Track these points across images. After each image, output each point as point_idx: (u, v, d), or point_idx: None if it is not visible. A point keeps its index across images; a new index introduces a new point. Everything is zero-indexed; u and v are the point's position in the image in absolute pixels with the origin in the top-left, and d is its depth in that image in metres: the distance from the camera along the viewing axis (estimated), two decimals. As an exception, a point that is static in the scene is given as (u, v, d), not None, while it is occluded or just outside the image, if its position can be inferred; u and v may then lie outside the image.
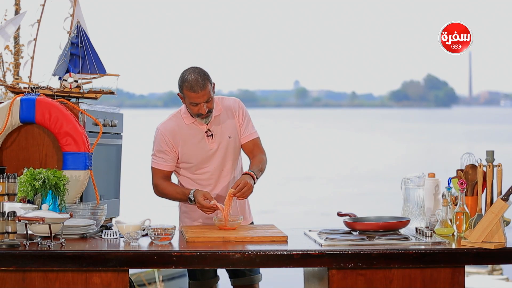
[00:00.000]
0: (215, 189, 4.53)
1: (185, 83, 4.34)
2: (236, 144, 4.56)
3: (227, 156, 4.53)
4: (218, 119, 4.52)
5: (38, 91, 4.62)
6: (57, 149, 4.47)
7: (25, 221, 3.70)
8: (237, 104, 4.60)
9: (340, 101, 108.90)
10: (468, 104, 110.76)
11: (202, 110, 4.38)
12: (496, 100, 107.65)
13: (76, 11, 4.85)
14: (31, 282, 3.66)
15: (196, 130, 4.49)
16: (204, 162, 4.50)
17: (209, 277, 4.54)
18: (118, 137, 5.03)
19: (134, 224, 3.90)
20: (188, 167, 4.53)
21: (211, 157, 4.50)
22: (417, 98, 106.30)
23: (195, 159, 4.49)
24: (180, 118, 4.52)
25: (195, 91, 4.32)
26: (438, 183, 4.28)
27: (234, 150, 4.55)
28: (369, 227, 4.03)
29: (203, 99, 4.34)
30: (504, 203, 3.75)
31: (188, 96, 4.35)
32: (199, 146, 4.49)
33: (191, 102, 4.36)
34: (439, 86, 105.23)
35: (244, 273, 4.57)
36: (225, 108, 4.55)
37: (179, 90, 4.40)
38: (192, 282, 4.56)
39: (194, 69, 4.37)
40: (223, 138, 4.51)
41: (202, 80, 4.33)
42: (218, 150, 4.50)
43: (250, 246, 3.79)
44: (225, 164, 4.53)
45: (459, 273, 3.75)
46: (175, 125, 4.51)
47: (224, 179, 4.54)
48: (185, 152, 4.49)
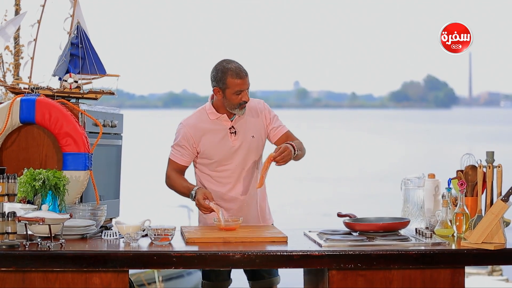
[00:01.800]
0: (234, 188, 4.53)
1: (229, 72, 4.38)
2: (258, 144, 4.56)
3: (249, 155, 4.53)
4: (243, 118, 4.53)
5: (38, 91, 4.61)
6: (57, 150, 4.46)
7: (25, 222, 3.70)
8: (261, 105, 4.63)
9: (340, 102, 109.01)
10: (468, 104, 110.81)
11: (245, 98, 4.40)
12: (496, 101, 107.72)
13: (76, 11, 4.85)
14: (31, 283, 3.66)
15: (220, 126, 4.50)
16: (226, 160, 4.50)
17: (222, 279, 4.51)
18: (118, 137, 5.02)
19: (134, 224, 3.89)
20: (208, 164, 4.53)
21: (233, 154, 4.50)
22: (417, 98, 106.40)
23: (217, 155, 4.50)
24: (205, 114, 4.53)
25: (241, 77, 4.37)
26: (438, 184, 4.28)
27: (256, 150, 4.55)
28: (369, 228, 4.03)
29: (247, 85, 4.40)
30: (504, 204, 3.74)
31: (233, 83, 4.37)
32: (221, 142, 4.49)
33: (236, 90, 4.38)
34: (439, 86, 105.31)
35: (262, 275, 4.55)
36: (249, 108, 4.56)
37: (218, 83, 4.41)
38: (206, 282, 4.54)
39: (230, 60, 4.44)
40: (246, 136, 4.52)
41: (243, 67, 4.42)
42: (240, 148, 4.51)
43: (250, 247, 3.78)
44: (247, 163, 4.53)
45: (459, 274, 3.75)
46: (199, 120, 4.52)
47: (244, 179, 4.53)
48: (207, 148, 4.49)
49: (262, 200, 4.63)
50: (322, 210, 19.38)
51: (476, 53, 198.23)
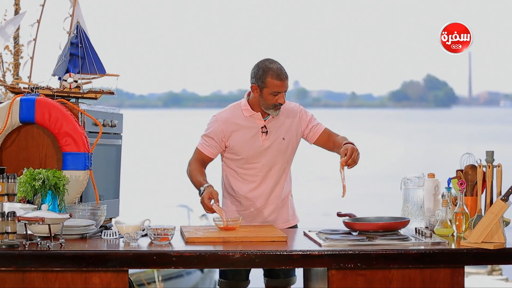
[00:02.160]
0: (259, 187, 4.53)
1: (270, 72, 4.38)
2: (288, 147, 4.55)
3: (277, 156, 4.52)
4: (277, 119, 4.52)
5: (37, 91, 4.61)
6: (57, 149, 4.46)
7: (24, 221, 3.70)
8: (298, 108, 4.62)
9: (340, 101, 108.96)
10: (467, 104, 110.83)
11: (281, 100, 4.40)
12: (495, 101, 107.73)
13: (76, 11, 4.85)
14: (30, 282, 3.66)
15: (252, 124, 4.51)
16: (253, 158, 4.51)
17: (239, 279, 4.52)
18: (117, 137, 5.03)
19: (134, 224, 3.90)
20: (236, 160, 4.53)
21: (261, 154, 4.50)
22: (416, 98, 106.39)
23: (245, 153, 4.50)
24: (239, 110, 4.54)
25: (281, 79, 4.38)
26: (437, 184, 4.28)
27: (285, 153, 4.54)
28: (368, 228, 4.03)
29: (285, 88, 4.41)
30: (503, 204, 3.74)
31: (272, 84, 4.38)
32: (251, 140, 4.49)
33: (274, 91, 4.38)
34: (439, 86, 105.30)
35: (278, 274, 4.55)
36: (286, 111, 4.56)
37: (258, 80, 4.41)
38: (223, 281, 4.55)
39: (273, 60, 4.45)
40: (277, 137, 4.51)
41: (285, 69, 4.42)
42: (269, 148, 4.50)
43: (249, 247, 3.78)
44: (274, 164, 4.52)
45: (458, 274, 3.75)
46: (233, 116, 4.53)
47: (270, 179, 4.53)
48: (236, 144, 4.50)
49: (284, 201, 4.61)
50: (322, 210, 19.36)
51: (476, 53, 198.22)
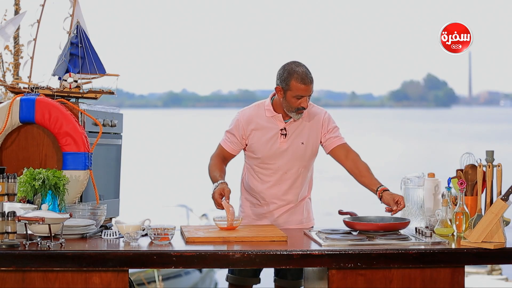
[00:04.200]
0: (272, 188, 4.53)
1: (295, 75, 4.35)
2: (306, 152, 4.52)
3: (294, 160, 4.50)
4: (298, 123, 4.51)
5: (37, 91, 4.62)
6: (57, 149, 4.46)
7: (25, 221, 3.69)
8: (323, 114, 4.58)
9: (340, 101, 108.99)
10: (467, 104, 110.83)
11: (304, 104, 4.38)
12: (495, 100, 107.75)
13: (76, 11, 4.85)
14: (30, 282, 3.66)
15: (273, 125, 4.50)
16: (269, 159, 4.50)
17: (246, 275, 4.52)
18: (117, 137, 5.03)
19: (134, 224, 3.90)
20: (254, 158, 4.55)
21: (277, 156, 4.49)
22: (417, 98, 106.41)
23: (261, 152, 4.50)
24: (263, 109, 4.54)
25: (305, 83, 4.35)
26: (438, 183, 4.28)
27: (302, 157, 4.51)
28: (369, 227, 4.03)
29: (309, 92, 4.38)
30: (503, 203, 3.74)
31: (296, 88, 4.35)
32: (270, 141, 4.49)
33: (297, 94, 4.35)
34: (439, 86, 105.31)
35: (285, 275, 4.55)
36: (310, 114, 4.54)
37: (283, 82, 4.38)
38: (230, 276, 4.57)
39: (300, 63, 4.41)
40: (295, 141, 4.50)
41: (310, 74, 4.39)
42: (286, 151, 4.49)
43: (249, 246, 3.79)
44: (290, 168, 4.51)
45: (458, 273, 3.75)
46: (255, 114, 4.53)
47: (285, 182, 4.52)
48: (254, 143, 4.51)
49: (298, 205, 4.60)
50: (322, 209, 19.39)
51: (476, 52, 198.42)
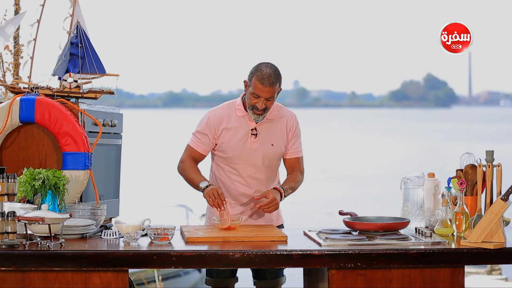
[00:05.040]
0: (242, 187, 4.53)
1: (258, 73, 4.38)
2: (276, 153, 4.56)
3: (263, 160, 4.53)
4: (269, 124, 4.53)
5: (37, 91, 4.62)
6: (57, 149, 4.47)
7: (24, 221, 3.70)
8: (292, 119, 4.62)
9: (340, 101, 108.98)
10: (467, 104, 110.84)
11: (259, 105, 4.40)
12: (495, 100, 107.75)
13: (76, 11, 4.85)
14: (30, 282, 3.66)
15: (243, 125, 4.51)
16: (239, 159, 4.51)
17: (224, 276, 4.52)
18: (117, 137, 5.03)
19: (134, 224, 3.90)
20: (223, 157, 4.55)
21: (247, 155, 4.51)
22: (416, 98, 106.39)
23: (232, 152, 4.51)
24: (233, 109, 4.55)
25: (263, 84, 4.36)
26: (437, 183, 4.28)
27: (271, 158, 4.55)
28: (369, 227, 4.03)
29: (266, 95, 4.38)
30: (503, 203, 3.75)
31: (255, 86, 4.38)
32: (240, 141, 4.50)
33: (254, 92, 4.39)
34: (439, 86, 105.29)
35: (264, 275, 4.56)
36: (280, 116, 4.57)
37: (248, 76, 4.43)
38: (208, 279, 4.56)
39: (272, 65, 4.43)
40: (265, 142, 4.52)
41: (274, 77, 4.39)
42: (256, 151, 4.51)
43: (249, 246, 3.79)
44: (259, 167, 4.53)
45: (458, 273, 3.75)
46: (226, 113, 4.54)
47: (254, 182, 4.54)
48: (225, 142, 4.51)
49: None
50: (322, 210, 19.38)
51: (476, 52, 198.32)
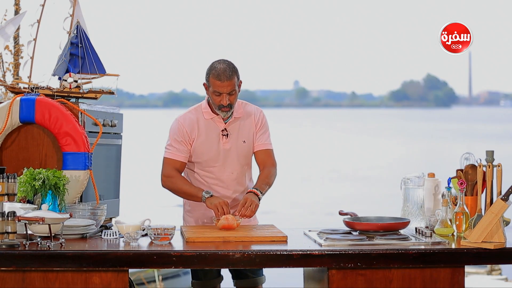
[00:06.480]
0: (219, 189, 4.53)
1: (212, 71, 4.39)
2: (249, 150, 4.58)
3: (238, 159, 4.54)
4: (237, 122, 4.55)
5: (38, 91, 4.62)
6: (57, 149, 4.47)
7: (25, 221, 3.70)
8: (258, 113, 4.63)
9: (340, 101, 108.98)
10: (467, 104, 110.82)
11: (223, 101, 4.40)
12: (495, 100, 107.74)
13: (76, 11, 4.85)
14: (31, 282, 3.66)
15: (213, 127, 4.52)
16: (214, 161, 4.52)
17: (211, 277, 4.53)
18: (118, 137, 5.03)
19: (134, 224, 3.90)
20: (197, 162, 4.55)
21: (222, 157, 4.52)
22: (417, 98, 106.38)
23: (205, 155, 4.51)
24: (200, 112, 4.55)
25: (221, 79, 4.36)
26: (438, 183, 4.28)
27: (245, 156, 4.57)
28: (369, 228, 4.03)
29: (227, 89, 4.38)
30: (503, 203, 3.75)
31: (213, 84, 4.38)
32: (212, 143, 4.51)
33: (215, 90, 4.39)
34: (439, 86, 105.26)
35: (246, 275, 4.56)
36: (246, 113, 4.59)
37: (206, 78, 4.44)
38: (195, 282, 4.55)
39: (224, 61, 4.44)
40: (237, 140, 4.54)
41: (230, 71, 4.39)
42: (230, 151, 4.52)
43: (250, 246, 3.79)
44: (235, 167, 4.54)
45: (458, 273, 3.75)
46: (194, 118, 4.54)
47: (231, 182, 4.55)
48: (198, 146, 4.51)
49: None
50: (322, 210, 19.38)
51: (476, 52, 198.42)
